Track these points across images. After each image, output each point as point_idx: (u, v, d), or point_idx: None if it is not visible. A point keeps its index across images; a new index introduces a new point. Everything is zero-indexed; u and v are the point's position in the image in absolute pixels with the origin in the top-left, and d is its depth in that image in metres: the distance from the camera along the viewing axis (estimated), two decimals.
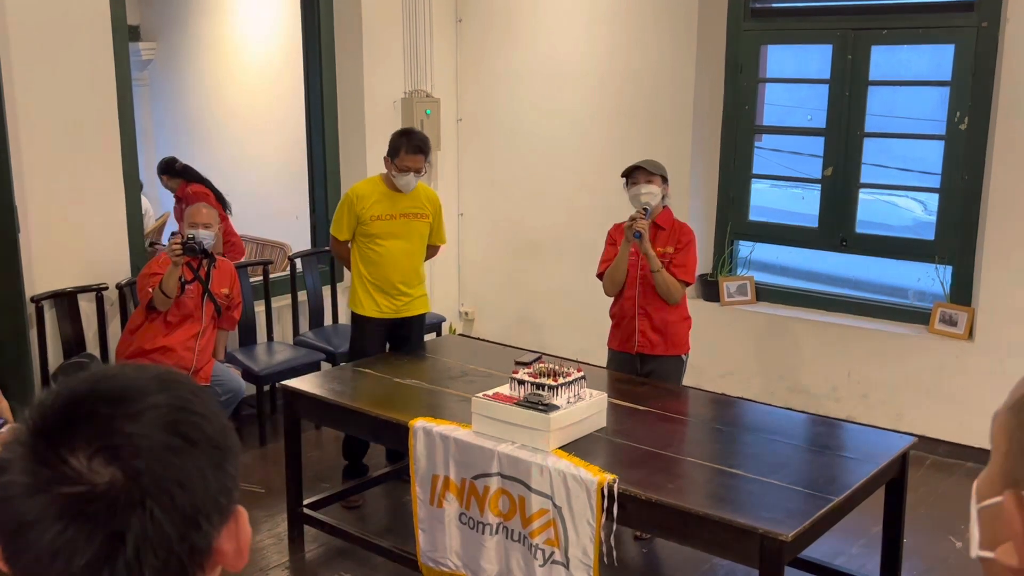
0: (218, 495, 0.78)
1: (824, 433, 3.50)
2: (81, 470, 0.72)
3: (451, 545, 3.34)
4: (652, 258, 3.88)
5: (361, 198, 4.35)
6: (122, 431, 0.74)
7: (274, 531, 4.10)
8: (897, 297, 5.31)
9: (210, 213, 4.53)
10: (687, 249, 3.98)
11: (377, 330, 4.46)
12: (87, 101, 4.50)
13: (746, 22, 5.32)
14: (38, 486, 0.72)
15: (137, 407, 0.75)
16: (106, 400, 0.75)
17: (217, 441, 0.79)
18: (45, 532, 0.71)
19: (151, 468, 0.73)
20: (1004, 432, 0.77)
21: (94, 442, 0.73)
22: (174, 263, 4.30)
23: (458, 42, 6.24)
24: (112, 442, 0.73)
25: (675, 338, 4.01)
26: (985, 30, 4.60)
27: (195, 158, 7.73)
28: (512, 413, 3.17)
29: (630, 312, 4.02)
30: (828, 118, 5.16)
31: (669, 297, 3.94)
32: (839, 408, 5.08)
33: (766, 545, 2.63)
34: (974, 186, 4.73)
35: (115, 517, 0.71)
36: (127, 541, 0.72)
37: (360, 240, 4.39)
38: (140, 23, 7.86)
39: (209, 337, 4.60)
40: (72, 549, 0.71)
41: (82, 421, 0.74)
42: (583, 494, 2.95)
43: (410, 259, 4.43)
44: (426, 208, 4.45)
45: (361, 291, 4.43)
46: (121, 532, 0.71)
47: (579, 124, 5.80)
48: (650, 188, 3.95)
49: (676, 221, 4.06)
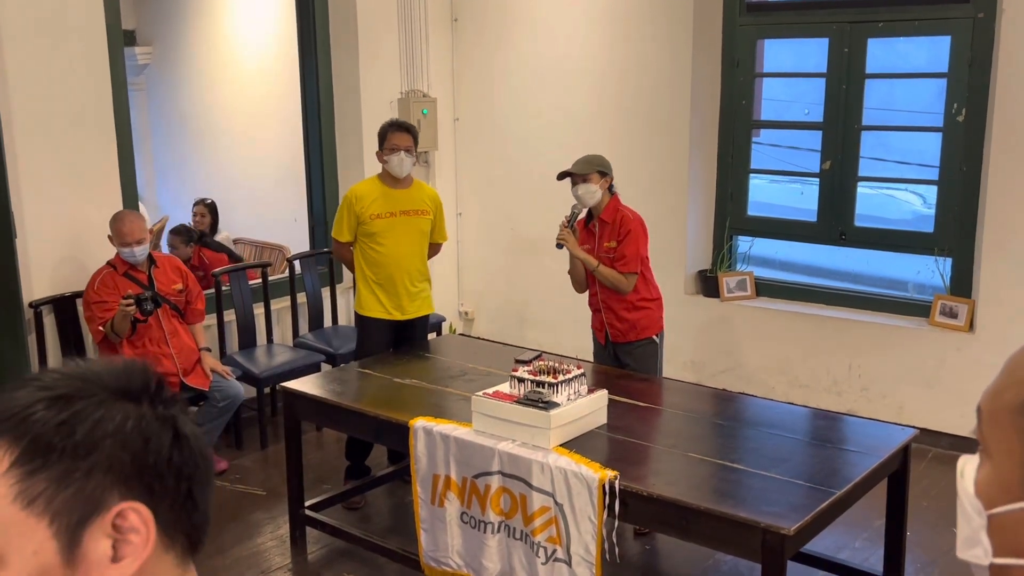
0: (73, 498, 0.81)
1: (825, 427, 3.50)
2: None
3: (453, 544, 3.33)
4: (585, 260, 4.04)
5: (360, 198, 4.34)
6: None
7: (276, 533, 4.10)
8: (897, 290, 5.30)
9: (140, 225, 4.35)
10: (626, 240, 4.01)
11: (383, 332, 4.44)
12: (83, 106, 4.49)
13: (742, 17, 5.31)
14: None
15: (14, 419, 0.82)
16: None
17: (81, 452, 0.81)
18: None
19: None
20: (1015, 433, 0.73)
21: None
22: (127, 311, 4.18)
23: (454, 41, 6.23)
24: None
25: (642, 322, 4.09)
26: (981, 21, 4.59)
27: (192, 162, 7.74)
28: (512, 411, 3.17)
29: (596, 305, 4.17)
30: (825, 112, 5.15)
31: (616, 290, 4.04)
32: (840, 402, 5.07)
33: (768, 539, 2.62)
34: (973, 177, 4.72)
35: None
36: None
37: (362, 240, 4.38)
38: (136, 27, 7.85)
39: (182, 338, 4.57)
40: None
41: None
42: (584, 491, 2.95)
43: (412, 257, 4.42)
44: (426, 205, 4.45)
45: (365, 292, 4.41)
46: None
47: (576, 122, 5.79)
48: (587, 187, 4.00)
49: (620, 211, 4.06)
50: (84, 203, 4.55)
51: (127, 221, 4.34)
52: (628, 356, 4.10)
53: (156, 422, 0.84)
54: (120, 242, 4.32)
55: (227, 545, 3.99)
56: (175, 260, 4.76)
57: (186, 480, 0.85)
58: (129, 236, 4.30)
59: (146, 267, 4.46)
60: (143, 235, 4.36)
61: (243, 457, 4.89)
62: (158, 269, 4.51)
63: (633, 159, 5.55)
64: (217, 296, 5.10)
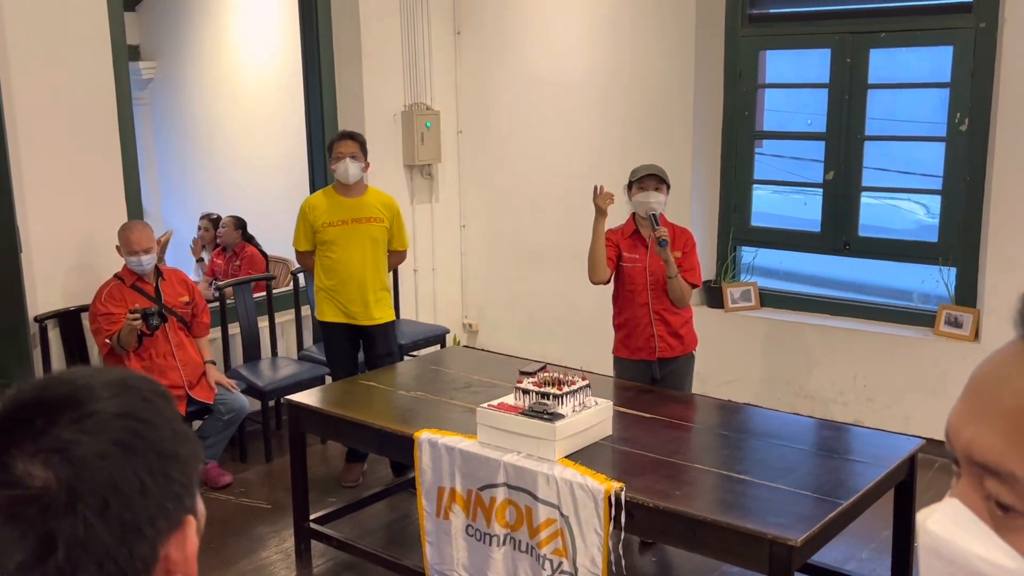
0: (164, 502, 0.78)
1: (831, 437, 3.48)
2: (20, 474, 0.74)
3: (458, 557, 3.32)
4: (671, 264, 3.91)
5: (313, 208, 4.53)
6: (61, 437, 0.75)
7: (281, 547, 4.09)
8: (901, 300, 5.29)
9: (147, 235, 4.37)
10: (693, 252, 4.04)
11: (343, 336, 4.61)
12: (88, 121, 4.51)
13: (744, 28, 5.32)
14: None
15: (79, 413, 0.77)
16: (52, 405, 0.77)
17: (162, 448, 0.79)
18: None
19: (84, 474, 0.74)
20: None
21: (34, 446, 0.74)
22: (134, 323, 4.18)
23: (457, 54, 6.25)
24: (51, 446, 0.74)
25: (688, 337, 4.09)
26: (983, 31, 4.60)
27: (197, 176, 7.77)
28: (517, 423, 3.16)
29: (645, 319, 4.02)
30: (828, 122, 5.15)
31: (682, 301, 3.99)
32: (846, 412, 5.06)
33: (775, 551, 2.61)
34: (976, 187, 4.72)
35: (47, 521, 0.73)
36: (58, 545, 0.73)
37: (318, 249, 4.55)
38: (140, 43, 7.89)
39: (188, 351, 4.57)
40: (4, 549, 0.73)
41: (27, 425, 0.76)
42: (590, 503, 2.94)
43: (364, 265, 4.51)
44: (380, 212, 4.54)
45: (320, 298, 4.58)
46: (52, 536, 0.73)
47: (579, 133, 5.80)
48: (659, 196, 3.98)
49: (675, 226, 4.08)
50: (89, 217, 4.56)
51: (135, 230, 4.37)
52: (671, 373, 4.04)
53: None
54: (128, 251, 4.33)
55: (232, 559, 3.99)
56: (181, 273, 4.78)
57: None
58: (137, 244, 4.32)
59: (153, 279, 4.47)
60: (151, 244, 4.38)
61: (248, 470, 4.88)
62: (165, 282, 4.53)
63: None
64: (222, 309, 5.10)
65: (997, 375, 0.69)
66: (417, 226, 6.10)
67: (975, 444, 0.68)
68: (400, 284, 5.90)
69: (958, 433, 0.70)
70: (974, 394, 0.70)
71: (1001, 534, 0.66)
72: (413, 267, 6.10)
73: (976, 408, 0.69)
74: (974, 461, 0.68)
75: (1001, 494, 0.66)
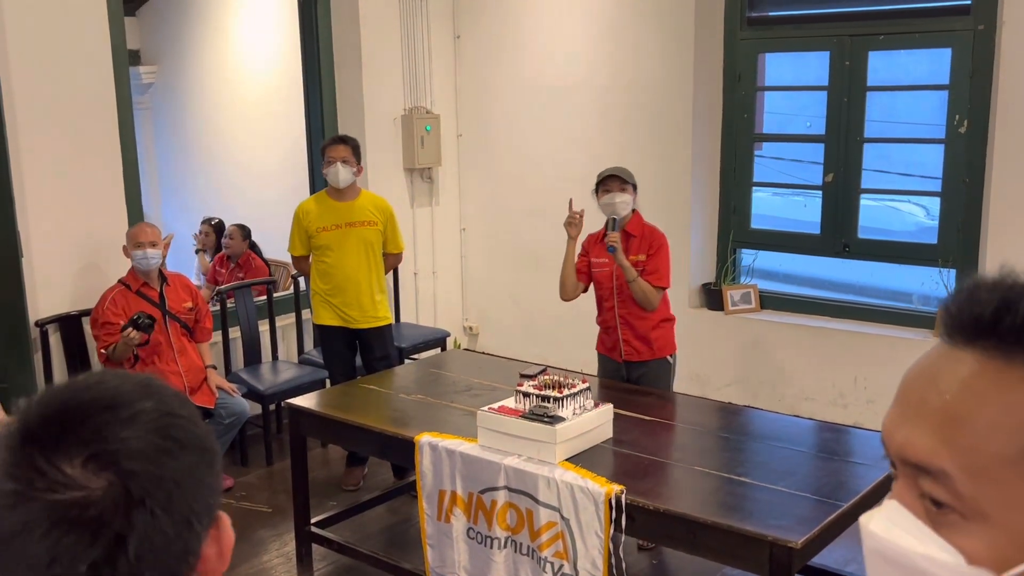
0: (208, 496, 0.80)
1: (831, 439, 3.49)
2: (75, 476, 0.72)
3: (460, 560, 3.32)
4: (627, 269, 3.92)
5: (307, 212, 4.56)
6: (115, 436, 0.75)
7: (282, 550, 4.09)
8: (901, 302, 5.29)
9: (154, 231, 4.43)
10: (658, 254, 4.00)
11: (340, 339, 4.63)
12: (89, 125, 4.52)
13: (743, 31, 5.33)
14: (29, 493, 0.72)
15: (127, 412, 0.77)
16: (98, 406, 0.76)
17: (204, 444, 0.81)
18: (37, 540, 0.71)
19: (147, 470, 0.75)
20: (1022, 483, 0.65)
21: (87, 448, 0.74)
22: (130, 341, 4.18)
23: (457, 59, 6.26)
24: (106, 447, 0.74)
25: (659, 342, 4.05)
26: (981, 33, 4.60)
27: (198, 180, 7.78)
28: (518, 426, 3.16)
29: (612, 323, 4.07)
30: (827, 124, 5.16)
31: (647, 304, 3.97)
32: (846, 414, 5.06)
33: (775, 553, 2.61)
34: (976, 188, 4.72)
35: (116, 520, 0.72)
36: (129, 542, 0.73)
37: (314, 254, 4.59)
38: (140, 47, 7.90)
39: (190, 356, 4.58)
40: (72, 555, 0.71)
41: (75, 427, 0.75)
42: (591, 506, 2.94)
43: (359, 268, 4.54)
44: (373, 216, 4.55)
45: (316, 302, 4.61)
46: (123, 534, 0.72)
47: (579, 137, 5.81)
48: (624, 197, 3.99)
49: (646, 226, 4.08)
50: (90, 222, 4.57)
51: (142, 225, 4.45)
52: (642, 377, 4.04)
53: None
54: (135, 244, 4.34)
55: (233, 563, 3.98)
56: (185, 279, 4.79)
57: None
58: (143, 237, 4.35)
59: (158, 284, 4.48)
60: (157, 239, 4.41)
61: (248, 474, 4.89)
62: (169, 287, 4.54)
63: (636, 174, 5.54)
64: (222, 313, 5.11)
65: (924, 376, 0.71)
66: (417, 229, 6.11)
67: (907, 445, 0.70)
68: (400, 287, 5.91)
69: (892, 436, 0.72)
70: (904, 397, 0.72)
71: (937, 530, 0.68)
72: (413, 270, 6.11)
73: (906, 410, 0.71)
74: (908, 462, 0.70)
75: (935, 491, 0.68)
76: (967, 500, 0.66)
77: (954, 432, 0.67)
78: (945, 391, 0.69)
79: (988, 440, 0.66)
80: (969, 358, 0.68)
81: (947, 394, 0.68)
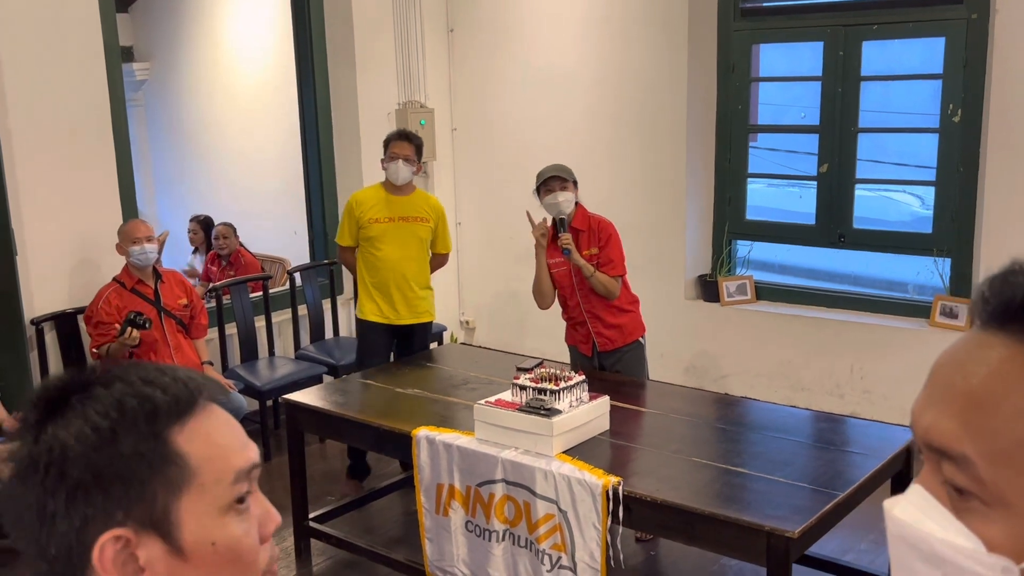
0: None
1: (827, 429, 3.50)
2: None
3: (458, 553, 3.33)
4: (584, 267, 3.96)
5: (360, 203, 4.48)
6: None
7: (281, 545, 4.09)
8: (897, 291, 5.30)
9: (147, 227, 4.43)
10: (609, 244, 4.02)
11: (381, 336, 4.53)
12: (82, 122, 4.51)
13: (736, 22, 5.33)
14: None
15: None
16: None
17: (94, 468, 0.81)
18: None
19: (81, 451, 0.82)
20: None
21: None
22: (128, 342, 4.18)
23: (451, 52, 6.25)
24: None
25: (628, 326, 4.10)
26: (975, 22, 4.61)
27: (192, 177, 7.76)
28: (515, 419, 3.17)
29: (580, 318, 4.11)
30: (822, 115, 5.16)
31: (609, 295, 4.02)
32: (843, 404, 5.07)
33: (773, 543, 2.62)
34: (970, 177, 4.73)
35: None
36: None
37: (362, 245, 4.50)
38: (133, 44, 7.88)
39: (186, 352, 4.57)
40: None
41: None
42: (588, 498, 2.95)
43: (409, 262, 4.48)
44: (427, 213, 4.52)
45: (363, 295, 4.53)
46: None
47: (573, 130, 5.81)
48: (566, 195, 4.00)
49: (592, 218, 4.09)
50: (84, 219, 4.56)
51: (136, 222, 4.44)
52: (617, 363, 4.08)
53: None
54: (131, 240, 4.33)
55: None
56: (179, 275, 4.78)
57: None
58: (138, 232, 4.34)
59: (152, 282, 4.47)
60: (151, 234, 4.40)
61: None
62: (164, 284, 4.53)
63: (631, 165, 5.57)
64: (219, 309, 5.11)
65: (953, 361, 0.71)
66: None
67: (932, 429, 0.70)
68: None
69: (918, 420, 0.72)
70: (933, 382, 0.72)
71: (959, 516, 0.68)
72: None
73: (932, 395, 0.71)
74: (932, 447, 0.70)
75: (956, 478, 0.68)
76: (988, 487, 0.65)
77: (978, 417, 0.66)
78: (972, 375, 0.68)
79: (1012, 426, 0.64)
80: (998, 343, 0.67)
81: (973, 378, 0.67)
